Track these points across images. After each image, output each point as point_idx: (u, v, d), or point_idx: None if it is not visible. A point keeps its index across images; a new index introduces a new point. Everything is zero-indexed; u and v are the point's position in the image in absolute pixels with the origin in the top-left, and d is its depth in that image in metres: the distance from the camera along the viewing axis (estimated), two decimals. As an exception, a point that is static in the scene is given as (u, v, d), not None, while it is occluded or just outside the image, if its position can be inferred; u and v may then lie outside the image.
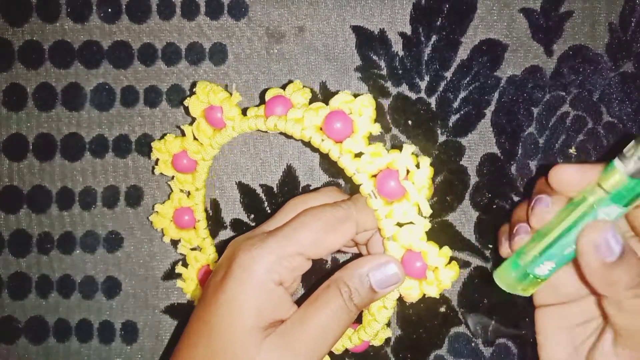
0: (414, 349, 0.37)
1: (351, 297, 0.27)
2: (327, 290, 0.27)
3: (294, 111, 0.29)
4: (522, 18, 0.37)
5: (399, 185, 0.27)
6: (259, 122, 0.30)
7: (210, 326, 0.26)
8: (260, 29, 0.37)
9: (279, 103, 0.30)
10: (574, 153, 0.37)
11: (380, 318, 0.30)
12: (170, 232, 0.35)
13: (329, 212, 0.28)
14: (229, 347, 0.26)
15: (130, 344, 0.38)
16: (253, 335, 0.26)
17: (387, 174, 0.28)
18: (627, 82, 0.37)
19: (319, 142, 0.28)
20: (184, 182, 0.35)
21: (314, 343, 0.26)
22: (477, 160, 0.37)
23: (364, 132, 0.28)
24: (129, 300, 0.38)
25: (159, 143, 0.34)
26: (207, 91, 0.31)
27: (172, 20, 0.37)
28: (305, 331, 0.26)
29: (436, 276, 0.28)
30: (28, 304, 0.38)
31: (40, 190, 0.38)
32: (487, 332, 0.36)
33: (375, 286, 0.27)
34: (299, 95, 0.30)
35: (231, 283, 0.26)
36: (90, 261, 0.38)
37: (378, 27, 0.37)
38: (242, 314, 0.26)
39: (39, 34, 0.37)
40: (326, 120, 0.28)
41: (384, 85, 0.37)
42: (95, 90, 0.37)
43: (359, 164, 0.28)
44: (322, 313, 0.26)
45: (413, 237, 0.28)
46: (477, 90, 0.37)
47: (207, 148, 0.33)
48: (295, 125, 0.29)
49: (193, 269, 0.36)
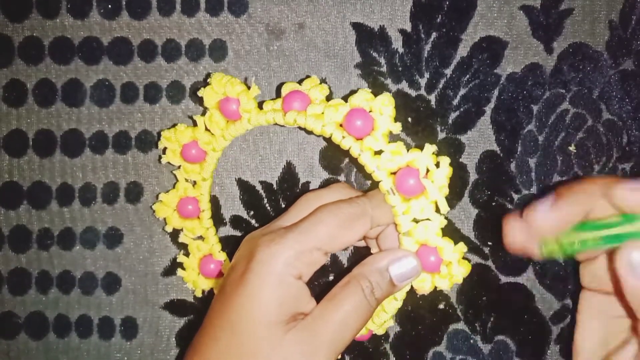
0: (413, 346, 0.37)
1: (373, 291, 0.27)
2: (347, 285, 0.28)
3: (314, 107, 0.30)
4: (522, 15, 0.37)
5: (419, 183, 0.28)
6: (277, 116, 0.30)
7: (232, 321, 0.27)
8: (260, 25, 0.37)
9: (296, 98, 0.30)
10: (574, 150, 0.37)
11: (389, 309, 0.31)
12: (173, 221, 0.35)
13: (345, 209, 0.29)
14: (251, 342, 0.26)
15: (129, 339, 0.38)
16: (274, 330, 0.26)
17: (407, 172, 0.29)
18: (627, 80, 0.37)
19: (340, 138, 0.29)
20: (191, 171, 0.35)
21: (335, 338, 0.27)
22: (476, 158, 0.37)
23: (384, 130, 0.29)
24: (129, 296, 0.38)
25: (169, 132, 0.34)
26: (223, 83, 0.32)
27: (172, 17, 0.37)
28: (327, 326, 0.26)
29: (449, 270, 0.29)
30: (28, 299, 0.38)
31: (40, 186, 0.38)
32: None
33: (395, 280, 0.28)
34: (317, 91, 0.30)
35: (251, 278, 0.27)
36: (90, 257, 0.38)
37: (378, 24, 0.37)
38: (263, 309, 0.26)
39: (39, 30, 0.37)
40: (347, 117, 0.29)
41: (383, 82, 0.37)
42: (95, 87, 0.37)
43: (379, 161, 0.29)
44: (343, 308, 0.27)
45: (429, 232, 0.29)
46: (477, 88, 0.37)
47: (218, 139, 0.33)
48: (316, 121, 0.29)
49: (195, 258, 0.36)
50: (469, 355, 0.37)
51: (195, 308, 0.38)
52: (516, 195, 0.37)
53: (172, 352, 0.38)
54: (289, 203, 0.37)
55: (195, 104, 0.37)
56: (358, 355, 0.37)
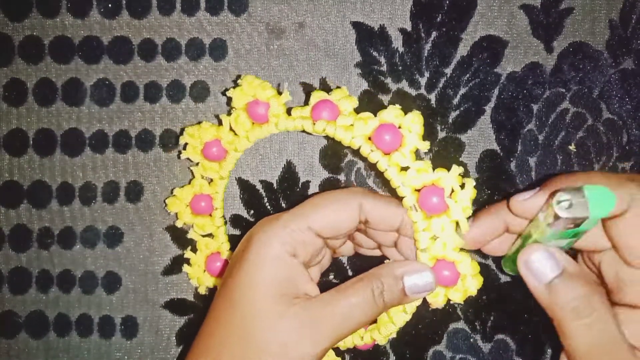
0: (413, 345, 0.37)
1: (382, 293, 0.28)
2: (359, 281, 0.28)
3: (343, 118, 0.30)
4: (522, 14, 0.37)
5: (443, 201, 0.29)
6: (307, 124, 0.31)
7: (232, 299, 0.28)
8: (261, 24, 0.37)
9: (326, 107, 0.31)
10: (574, 150, 0.37)
11: (397, 321, 0.31)
12: (185, 216, 0.36)
13: (335, 192, 0.30)
14: (251, 316, 0.27)
15: (130, 338, 0.38)
16: (274, 305, 0.27)
17: (432, 190, 0.29)
18: (627, 79, 0.37)
19: (368, 152, 0.30)
20: (209, 169, 0.35)
21: (335, 326, 0.27)
22: (476, 157, 0.37)
23: (411, 147, 0.30)
24: (129, 295, 0.38)
25: (193, 129, 0.34)
26: (255, 85, 0.32)
27: (172, 16, 0.37)
28: (330, 313, 0.27)
29: (463, 283, 0.30)
30: (28, 298, 0.38)
31: (40, 185, 0.38)
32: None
33: (407, 290, 0.29)
34: (347, 102, 0.31)
35: (250, 257, 0.28)
36: (90, 256, 0.38)
37: (378, 23, 0.37)
38: (261, 285, 0.27)
39: (39, 29, 0.37)
40: (377, 131, 0.30)
41: (383, 81, 0.37)
42: (96, 86, 0.37)
43: (405, 177, 0.30)
44: (349, 300, 0.28)
45: (447, 249, 0.30)
46: (477, 87, 0.37)
47: (242, 140, 0.33)
48: (346, 132, 0.30)
49: (202, 254, 0.36)
50: (469, 355, 0.37)
51: (196, 307, 0.38)
52: (516, 195, 0.37)
53: (172, 351, 0.38)
54: (289, 202, 0.37)
55: (195, 102, 0.37)
56: (358, 355, 0.37)
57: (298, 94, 0.37)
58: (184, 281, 0.38)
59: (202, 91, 0.37)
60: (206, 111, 0.37)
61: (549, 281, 0.25)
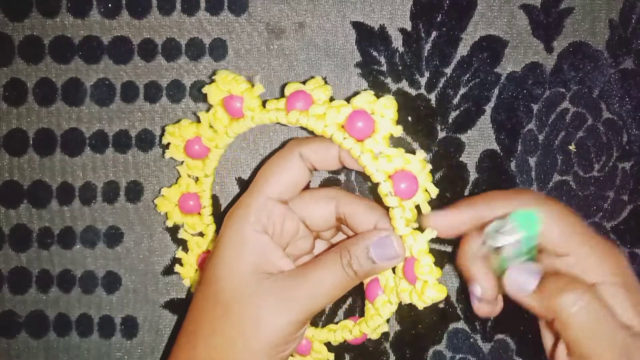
0: (413, 345, 0.37)
1: (350, 262, 0.29)
2: (329, 253, 0.29)
3: (316, 107, 0.30)
4: (522, 14, 0.37)
5: (413, 187, 0.29)
6: (280, 116, 0.30)
7: (207, 279, 0.29)
8: (260, 24, 0.37)
9: (300, 98, 0.30)
10: (574, 149, 0.37)
11: (383, 313, 0.31)
12: (174, 216, 0.36)
13: (274, 155, 0.31)
14: (224, 291, 0.28)
15: (130, 338, 0.38)
16: (246, 280, 0.28)
17: (403, 175, 0.29)
18: (627, 79, 0.37)
19: (341, 139, 0.29)
20: (193, 167, 0.35)
21: (307, 298, 0.28)
22: (476, 157, 0.37)
23: (384, 132, 0.29)
24: (129, 295, 0.38)
25: (173, 127, 0.34)
26: (228, 80, 0.32)
27: (172, 16, 0.37)
28: (302, 285, 0.28)
29: (423, 289, 0.29)
30: (28, 298, 0.38)
31: (40, 185, 0.38)
32: None
33: (375, 257, 0.29)
34: (320, 91, 0.31)
35: (221, 242, 0.29)
36: (90, 256, 0.38)
37: (378, 23, 0.37)
38: (234, 265, 0.29)
39: (39, 29, 0.37)
40: (349, 118, 0.29)
41: (384, 81, 0.37)
42: (96, 86, 0.37)
43: (378, 163, 0.29)
44: (319, 272, 0.28)
45: (416, 245, 0.29)
46: (477, 87, 0.37)
47: (222, 136, 0.33)
48: (318, 121, 0.29)
49: (193, 254, 0.36)
50: (469, 354, 0.37)
51: (196, 307, 0.38)
52: (516, 195, 0.37)
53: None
54: (289, 202, 0.37)
55: (195, 102, 0.37)
56: (358, 355, 0.37)
57: (298, 94, 0.37)
58: (183, 280, 0.38)
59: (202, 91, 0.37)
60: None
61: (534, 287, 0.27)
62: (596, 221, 0.37)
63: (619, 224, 0.37)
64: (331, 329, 0.34)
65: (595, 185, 0.37)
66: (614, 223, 0.37)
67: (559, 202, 0.28)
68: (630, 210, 0.37)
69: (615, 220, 0.37)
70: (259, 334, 0.27)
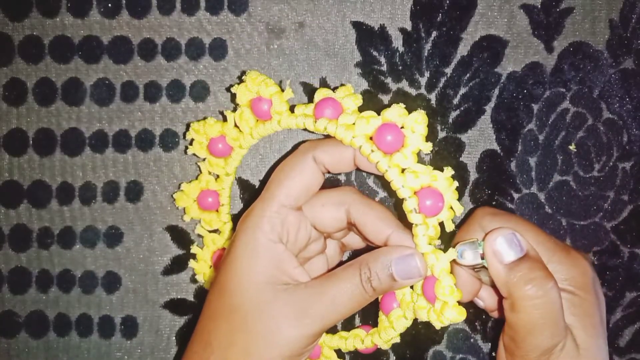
0: (413, 345, 0.37)
1: (370, 279, 0.28)
2: (347, 268, 0.29)
3: (345, 116, 0.29)
4: (522, 14, 0.37)
5: (438, 204, 0.29)
6: (308, 122, 0.30)
7: (221, 291, 0.29)
8: (260, 24, 0.37)
9: (329, 105, 0.30)
10: (574, 149, 0.37)
11: (397, 327, 0.31)
12: (192, 211, 0.36)
13: (287, 159, 0.30)
14: (240, 306, 0.28)
15: (130, 338, 0.38)
16: (262, 289, 0.28)
17: (429, 192, 0.29)
18: (628, 79, 0.37)
19: (369, 152, 0.29)
20: (215, 165, 0.35)
21: (323, 312, 0.28)
22: (476, 157, 0.37)
23: (413, 148, 0.29)
24: (129, 295, 0.38)
25: (198, 125, 0.34)
26: (258, 82, 0.32)
27: (172, 16, 0.37)
28: (319, 299, 0.28)
29: (442, 309, 0.28)
30: (28, 298, 0.38)
31: (40, 185, 0.38)
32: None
33: (396, 275, 0.28)
34: (350, 100, 0.30)
35: (236, 251, 0.29)
36: (90, 256, 0.38)
37: (378, 22, 0.37)
38: (248, 275, 0.28)
39: (39, 29, 0.37)
40: (378, 131, 0.29)
41: (384, 81, 0.37)
42: (95, 86, 0.37)
43: (405, 179, 0.29)
44: (337, 286, 0.28)
45: (437, 264, 0.28)
46: (477, 87, 0.37)
47: (246, 137, 0.33)
48: (347, 131, 0.29)
49: (208, 250, 0.36)
50: (469, 354, 0.37)
51: (196, 307, 0.38)
52: (516, 195, 0.37)
53: (172, 351, 0.38)
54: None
55: (195, 102, 0.37)
56: (358, 355, 0.37)
57: (298, 94, 0.37)
58: (184, 281, 0.38)
59: (202, 91, 0.37)
60: (206, 111, 0.37)
61: (511, 261, 0.27)
62: (596, 221, 0.37)
63: (619, 224, 0.37)
64: (342, 337, 0.34)
65: (596, 185, 0.37)
66: (614, 223, 0.37)
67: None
68: (630, 210, 0.37)
69: (615, 220, 0.37)
70: (275, 346, 0.27)
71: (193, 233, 0.38)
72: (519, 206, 0.37)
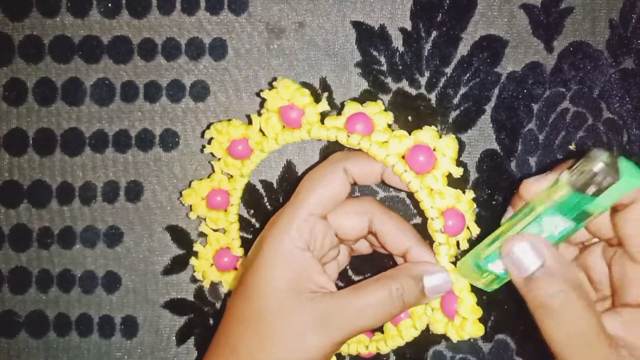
0: (413, 345, 0.37)
1: (402, 295, 0.28)
2: (377, 281, 0.29)
3: (378, 134, 0.31)
4: (522, 14, 0.37)
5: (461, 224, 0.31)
6: (341, 136, 0.30)
7: (247, 296, 0.29)
8: (260, 24, 0.37)
9: (360, 120, 0.31)
10: (574, 149, 0.37)
11: (405, 336, 0.32)
12: (199, 209, 0.35)
13: (317, 168, 0.31)
14: (266, 312, 0.28)
15: (130, 338, 0.38)
16: (287, 297, 0.28)
17: (453, 213, 0.30)
18: (628, 79, 0.37)
19: (402, 171, 0.30)
20: (231, 166, 0.35)
21: (349, 323, 0.28)
22: (477, 157, 0.37)
23: (444, 170, 0.30)
24: (129, 295, 0.38)
25: (222, 125, 0.34)
26: (292, 90, 0.32)
27: (172, 15, 0.37)
28: (346, 309, 0.28)
29: (462, 325, 0.30)
30: (28, 298, 0.38)
31: (40, 185, 0.38)
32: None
33: (427, 291, 0.29)
34: (382, 117, 0.31)
35: (263, 257, 0.29)
36: (90, 256, 0.38)
37: (378, 22, 0.37)
38: (275, 281, 0.28)
39: (39, 29, 0.37)
40: (412, 152, 0.30)
41: (384, 81, 0.37)
42: (95, 85, 0.37)
43: (434, 200, 0.30)
44: (365, 298, 0.28)
45: (459, 282, 0.30)
46: (477, 86, 0.37)
47: (270, 142, 0.33)
48: (380, 149, 0.30)
49: (211, 248, 0.36)
50: (469, 354, 0.37)
51: (196, 307, 0.38)
52: (516, 194, 0.37)
53: (172, 351, 0.38)
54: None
55: (195, 102, 0.37)
56: (358, 354, 0.37)
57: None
58: (184, 281, 0.38)
59: (202, 91, 0.37)
60: (206, 111, 0.37)
61: (529, 274, 0.25)
62: (596, 221, 0.37)
63: (620, 223, 0.37)
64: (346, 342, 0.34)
65: (596, 185, 0.37)
66: (614, 223, 0.37)
67: None
68: (630, 210, 0.37)
69: (615, 220, 0.37)
70: (300, 353, 0.27)
71: (193, 233, 0.38)
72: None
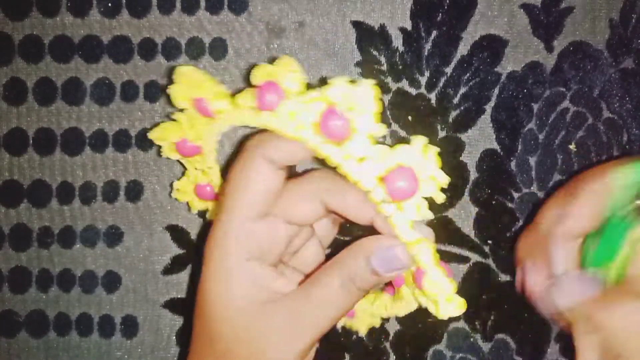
0: (413, 344, 0.37)
1: (352, 280, 0.26)
2: (327, 270, 0.26)
3: (286, 104, 0.24)
4: (522, 14, 0.37)
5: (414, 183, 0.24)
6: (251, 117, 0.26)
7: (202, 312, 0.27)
8: (261, 23, 0.37)
9: (271, 90, 0.25)
10: (574, 149, 0.37)
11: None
12: (196, 204, 0.35)
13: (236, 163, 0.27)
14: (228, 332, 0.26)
15: (130, 338, 0.38)
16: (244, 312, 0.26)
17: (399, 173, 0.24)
18: (628, 79, 0.37)
19: (318, 144, 0.24)
20: (194, 162, 0.33)
21: (313, 320, 0.26)
22: (476, 156, 0.37)
23: (366, 132, 0.24)
24: (129, 294, 0.38)
25: (155, 133, 0.32)
26: (191, 81, 0.28)
27: (172, 15, 0.37)
28: (306, 307, 0.26)
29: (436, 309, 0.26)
30: (28, 298, 0.38)
31: (40, 184, 0.38)
32: None
33: (379, 269, 0.26)
34: (290, 79, 0.25)
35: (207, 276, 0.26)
36: (90, 255, 0.38)
37: (378, 22, 0.37)
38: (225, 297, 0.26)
39: (39, 29, 0.37)
40: (323, 118, 0.24)
41: (384, 80, 0.37)
42: (96, 85, 0.37)
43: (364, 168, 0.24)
44: (321, 292, 0.26)
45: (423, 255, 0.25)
46: (477, 86, 0.37)
47: (206, 134, 0.30)
48: (289, 122, 0.24)
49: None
50: (469, 354, 0.37)
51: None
52: (516, 194, 0.37)
53: (172, 351, 0.38)
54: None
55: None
56: (358, 354, 0.37)
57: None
58: (184, 281, 0.38)
59: (202, 90, 0.37)
60: (206, 110, 0.37)
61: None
62: (596, 221, 0.37)
63: (619, 223, 0.37)
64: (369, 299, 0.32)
65: (596, 184, 0.37)
66: (614, 222, 0.37)
67: None
68: (630, 209, 0.37)
69: (615, 219, 0.37)
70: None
71: (193, 233, 0.38)
72: (519, 205, 0.37)
